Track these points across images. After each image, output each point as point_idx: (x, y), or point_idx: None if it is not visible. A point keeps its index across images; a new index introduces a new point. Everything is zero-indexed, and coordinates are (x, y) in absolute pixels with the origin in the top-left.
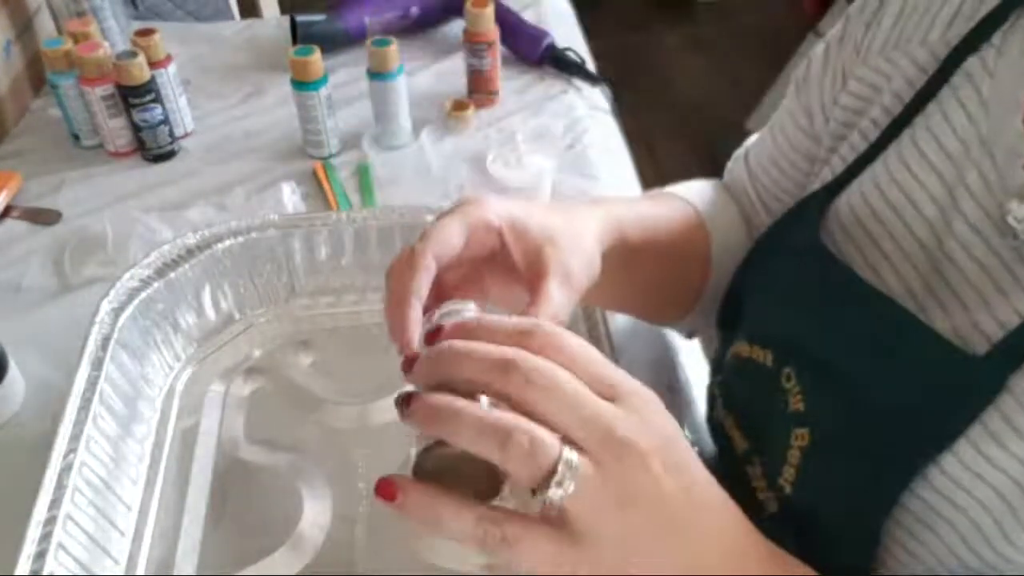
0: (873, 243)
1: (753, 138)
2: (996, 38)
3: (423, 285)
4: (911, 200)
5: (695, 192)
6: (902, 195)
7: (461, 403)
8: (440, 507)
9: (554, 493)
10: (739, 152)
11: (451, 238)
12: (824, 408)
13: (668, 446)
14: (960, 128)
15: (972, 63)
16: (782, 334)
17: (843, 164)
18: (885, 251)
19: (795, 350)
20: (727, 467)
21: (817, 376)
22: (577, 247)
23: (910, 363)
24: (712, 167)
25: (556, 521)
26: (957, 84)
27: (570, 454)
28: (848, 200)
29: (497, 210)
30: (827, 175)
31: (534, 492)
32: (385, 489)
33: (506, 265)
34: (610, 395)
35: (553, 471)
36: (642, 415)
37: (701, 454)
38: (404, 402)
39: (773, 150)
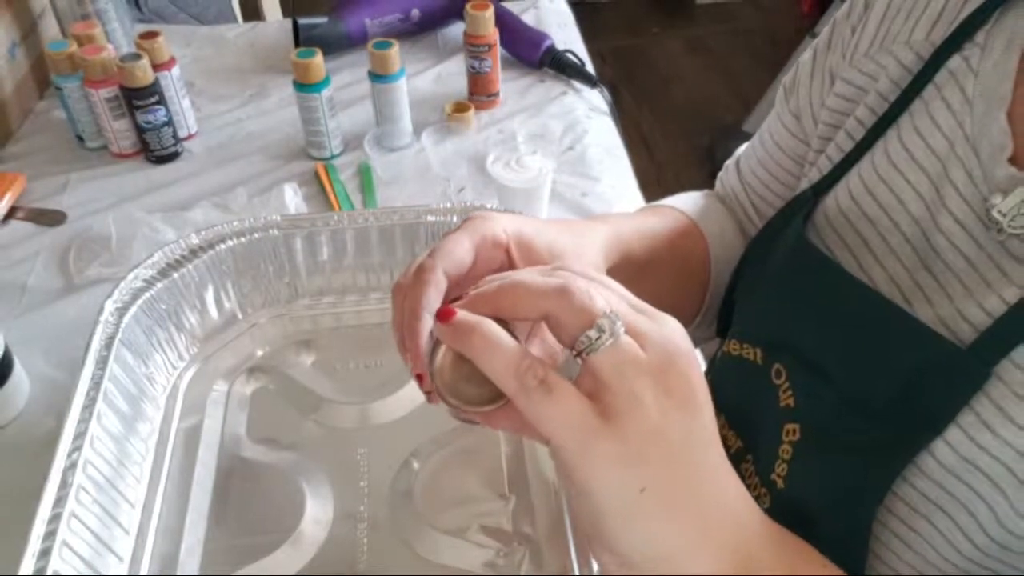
0: (861, 240)
1: (743, 148)
2: (979, 37)
3: (433, 300)
4: (898, 197)
5: (687, 202)
6: (889, 192)
7: (518, 275)
8: (495, 332)
9: (593, 335)
10: (730, 162)
11: (460, 253)
12: (814, 402)
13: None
14: (945, 125)
15: (956, 62)
16: (771, 331)
17: (830, 164)
18: (872, 247)
19: (784, 346)
20: None
21: (806, 371)
22: (582, 264)
23: (898, 354)
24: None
25: (591, 391)
26: (941, 83)
27: (616, 317)
28: (836, 198)
29: (505, 226)
30: (814, 175)
31: (574, 348)
32: (444, 313)
33: None
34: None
35: (598, 320)
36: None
37: None
38: (453, 300)
39: (764, 155)
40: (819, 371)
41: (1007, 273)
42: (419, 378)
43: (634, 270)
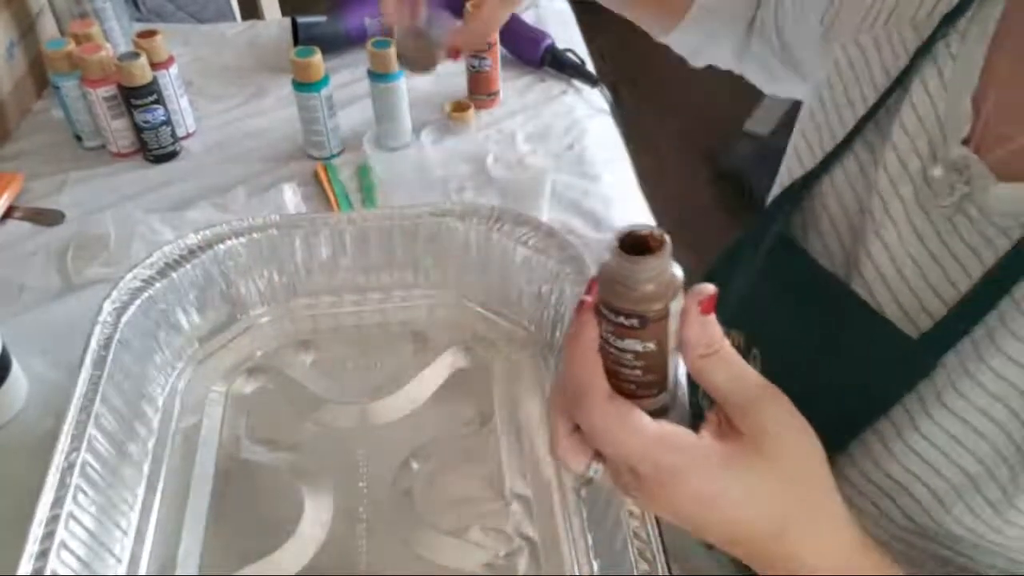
0: (831, 225)
1: None
2: (961, 24)
3: None
4: (870, 178)
5: None
6: (863, 177)
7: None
8: None
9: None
10: None
11: None
12: (781, 387)
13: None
14: (921, 106)
15: (939, 48)
16: (751, 318)
17: (819, 149)
18: (839, 230)
19: (761, 333)
20: None
21: (776, 357)
22: None
23: (855, 345)
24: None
25: None
26: (922, 68)
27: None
28: (820, 189)
29: None
30: (795, 166)
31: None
32: None
33: None
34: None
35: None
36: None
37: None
38: None
39: None
40: (786, 357)
41: (958, 259)
42: None
43: None
